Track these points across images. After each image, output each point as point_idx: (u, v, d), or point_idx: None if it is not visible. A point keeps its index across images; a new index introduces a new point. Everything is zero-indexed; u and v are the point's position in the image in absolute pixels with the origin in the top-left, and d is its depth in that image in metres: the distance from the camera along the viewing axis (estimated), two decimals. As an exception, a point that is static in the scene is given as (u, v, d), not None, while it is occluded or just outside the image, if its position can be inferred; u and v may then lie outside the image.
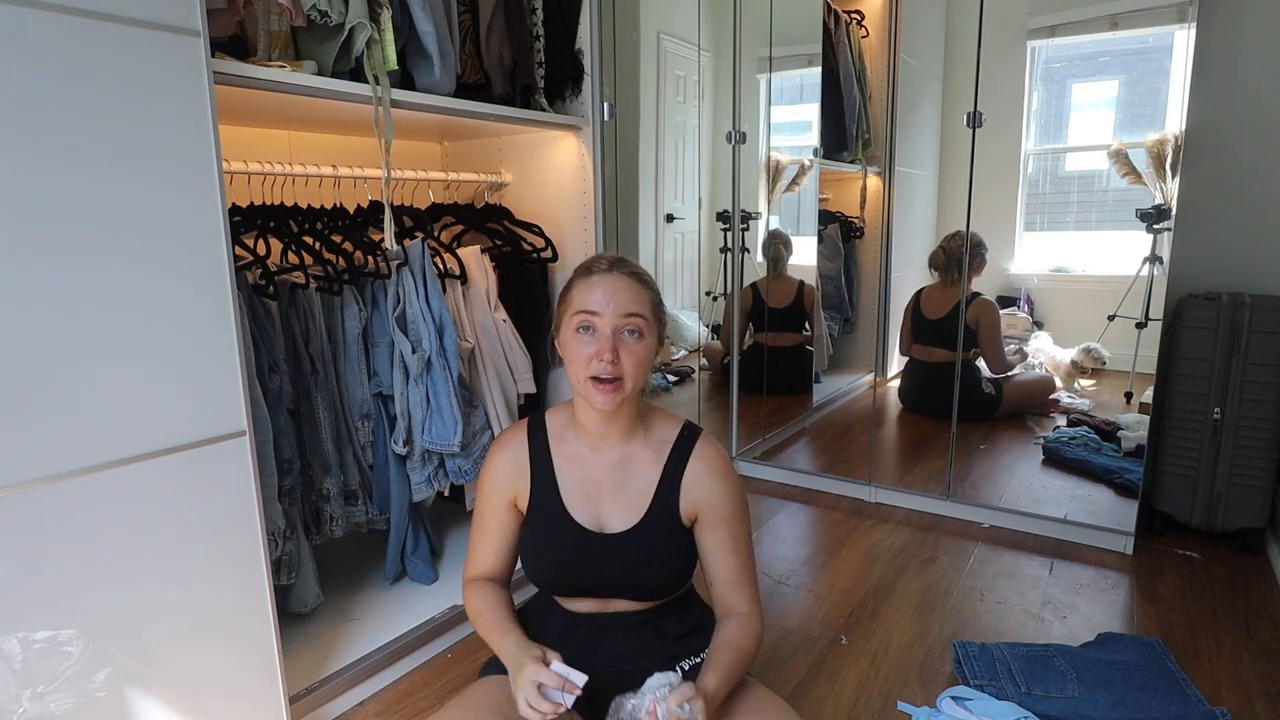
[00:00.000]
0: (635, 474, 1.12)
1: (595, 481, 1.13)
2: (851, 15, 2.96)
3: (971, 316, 2.55)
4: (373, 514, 1.81)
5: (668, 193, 3.18)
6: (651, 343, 1.07)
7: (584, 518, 1.12)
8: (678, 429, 1.15)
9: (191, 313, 1.18)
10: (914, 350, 2.81)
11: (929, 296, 2.72)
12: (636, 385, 1.06)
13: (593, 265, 1.09)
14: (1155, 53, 2.34)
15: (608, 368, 1.02)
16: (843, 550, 2.27)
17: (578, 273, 1.10)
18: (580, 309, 1.05)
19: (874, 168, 2.90)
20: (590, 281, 1.07)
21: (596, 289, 1.05)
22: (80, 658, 1.11)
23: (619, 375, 1.03)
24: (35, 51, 0.99)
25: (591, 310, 1.04)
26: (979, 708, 1.46)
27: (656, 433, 1.14)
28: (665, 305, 1.12)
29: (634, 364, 1.04)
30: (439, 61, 1.61)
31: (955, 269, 2.57)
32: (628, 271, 1.08)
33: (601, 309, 1.04)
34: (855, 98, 2.96)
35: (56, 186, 1.03)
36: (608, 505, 1.12)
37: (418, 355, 1.70)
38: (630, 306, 1.05)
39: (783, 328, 3.10)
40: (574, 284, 1.09)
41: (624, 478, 1.12)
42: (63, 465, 1.06)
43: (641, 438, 1.13)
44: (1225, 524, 2.19)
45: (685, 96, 3.15)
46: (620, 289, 1.05)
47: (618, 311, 1.04)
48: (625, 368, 1.04)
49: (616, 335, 1.04)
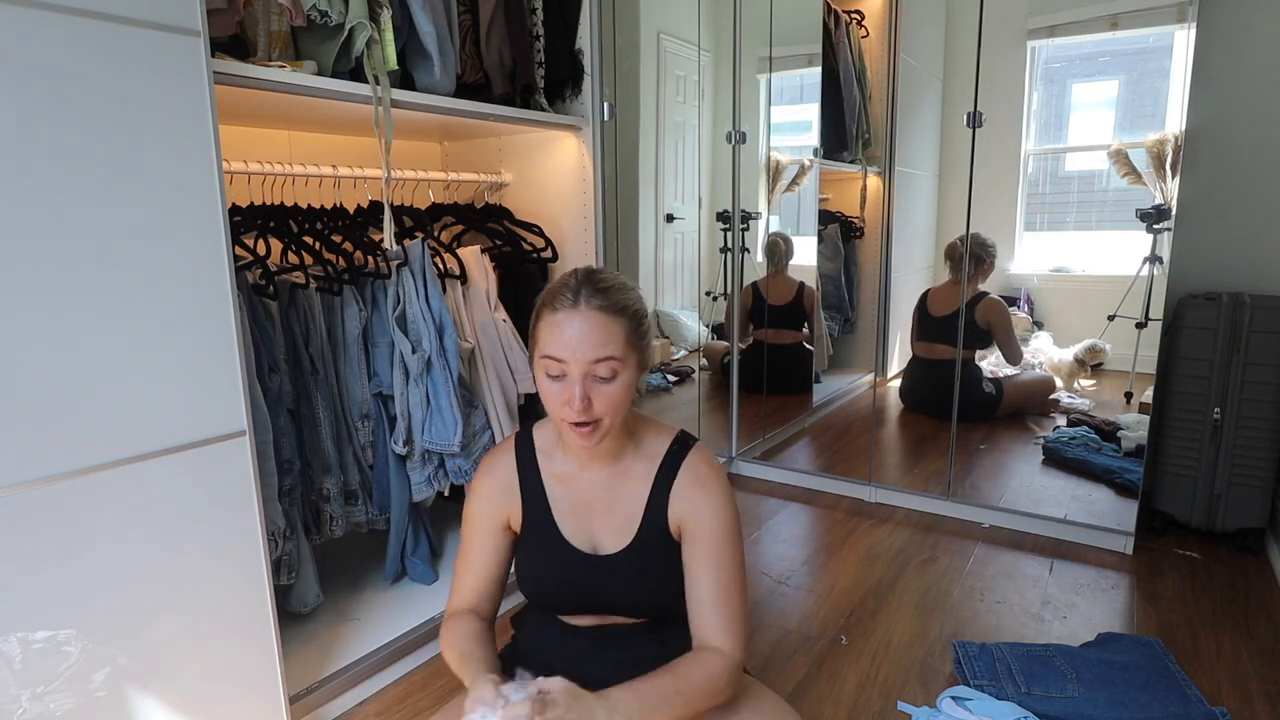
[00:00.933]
0: (625, 492, 1.08)
1: (586, 501, 1.09)
2: (851, 15, 2.96)
3: (982, 317, 2.56)
4: (373, 514, 1.81)
5: (668, 193, 3.18)
6: (629, 376, 0.99)
7: (577, 538, 1.09)
8: (669, 442, 1.09)
9: (191, 313, 1.18)
10: (917, 348, 2.81)
11: (935, 295, 2.72)
12: (615, 421, 1.00)
13: (557, 297, 0.99)
14: (1155, 53, 2.34)
15: (580, 414, 0.96)
16: (843, 550, 2.27)
17: (543, 304, 1.01)
18: (546, 353, 0.98)
19: (874, 168, 2.90)
20: (555, 320, 0.98)
21: (562, 329, 0.97)
22: (80, 657, 1.11)
23: (594, 419, 0.98)
24: (35, 51, 0.99)
25: (557, 357, 0.97)
26: (979, 708, 1.46)
27: (647, 447, 1.09)
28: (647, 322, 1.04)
29: (609, 405, 0.98)
30: (439, 61, 1.61)
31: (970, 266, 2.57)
32: (597, 305, 0.97)
33: (568, 355, 0.96)
34: (855, 98, 2.96)
35: (56, 186, 1.03)
36: (600, 525, 1.09)
37: (418, 355, 1.70)
38: (599, 350, 0.96)
39: (783, 324, 3.11)
40: (540, 318, 1.00)
41: (614, 496, 1.08)
42: (63, 465, 1.06)
43: (631, 453, 1.09)
44: (1225, 524, 2.19)
45: (685, 96, 3.15)
46: (587, 330, 0.96)
47: (586, 357, 0.95)
48: (599, 410, 0.98)
49: (587, 380, 0.96)
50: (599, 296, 0.98)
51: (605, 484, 1.08)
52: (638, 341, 1.01)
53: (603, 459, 1.08)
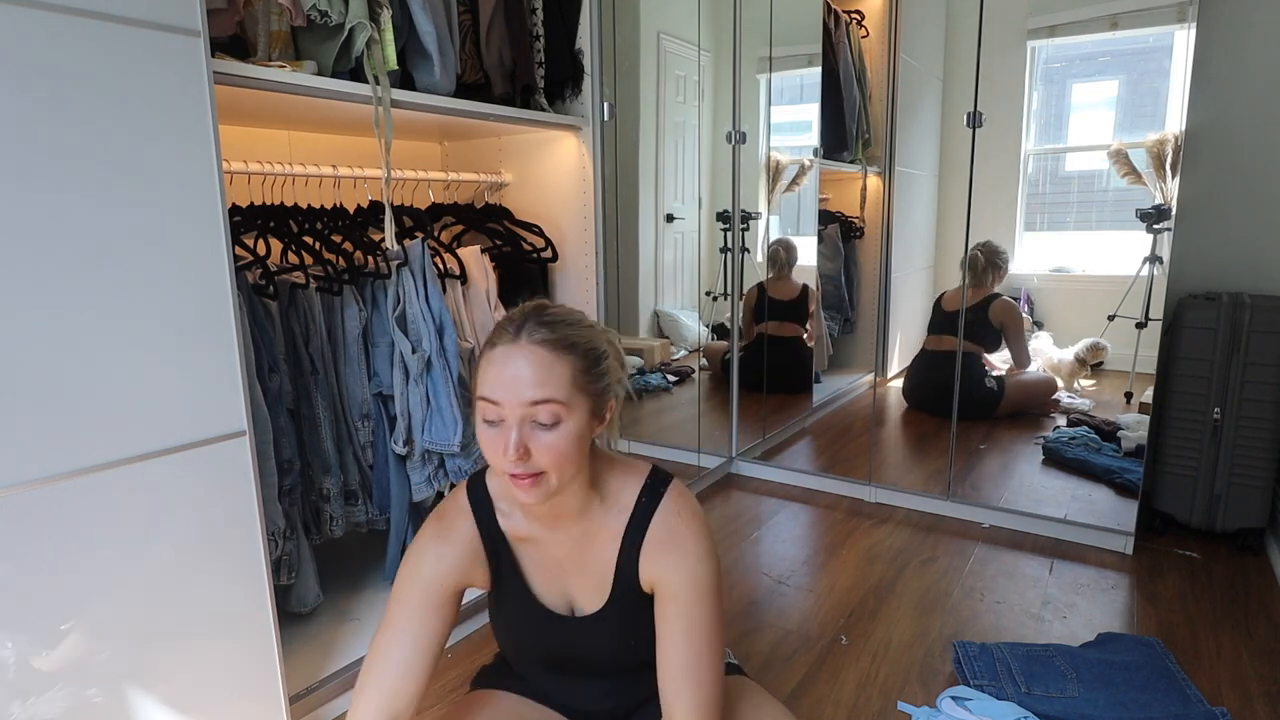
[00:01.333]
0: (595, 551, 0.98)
1: (557, 561, 1.00)
2: (851, 15, 2.96)
3: (996, 317, 2.59)
4: (373, 514, 1.81)
5: (668, 193, 3.18)
6: (575, 424, 0.87)
7: (552, 600, 1.01)
8: (638, 490, 0.98)
9: (191, 313, 1.18)
10: (928, 341, 2.82)
11: (950, 296, 2.74)
12: (564, 477, 0.89)
13: (498, 332, 0.88)
14: (1155, 53, 2.34)
15: (516, 465, 0.85)
16: (843, 550, 2.27)
17: (488, 339, 0.90)
18: (481, 394, 0.87)
19: (874, 168, 2.90)
20: (492, 357, 0.87)
21: (498, 367, 0.86)
22: (80, 657, 1.11)
23: (534, 471, 0.86)
24: (35, 51, 0.99)
25: (491, 398, 0.86)
26: (979, 708, 1.46)
27: (614, 498, 0.98)
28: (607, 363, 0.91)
29: (551, 457, 0.86)
30: (439, 61, 1.61)
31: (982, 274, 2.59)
32: (539, 339, 0.86)
33: (502, 397, 0.85)
34: (855, 98, 2.97)
35: (56, 186, 1.03)
36: (574, 586, 1.01)
37: (418, 355, 1.70)
38: (535, 392, 0.84)
39: (785, 318, 3.12)
40: (483, 353, 0.89)
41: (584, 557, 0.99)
42: (63, 465, 1.06)
43: (598, 507, 0.97)
44: (1225, 524, 2.19)
45: (685, 96, 3.15)
46: (524, 369, 0.85)
47: (521, 399, 0.84)
48: (540, 462, 0.86)
49: (524, 426, 0.85)
50: (543, 330, 0.87)
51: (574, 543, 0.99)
52: (589, 384, 0.88)
53: (567, 519, 0.97)
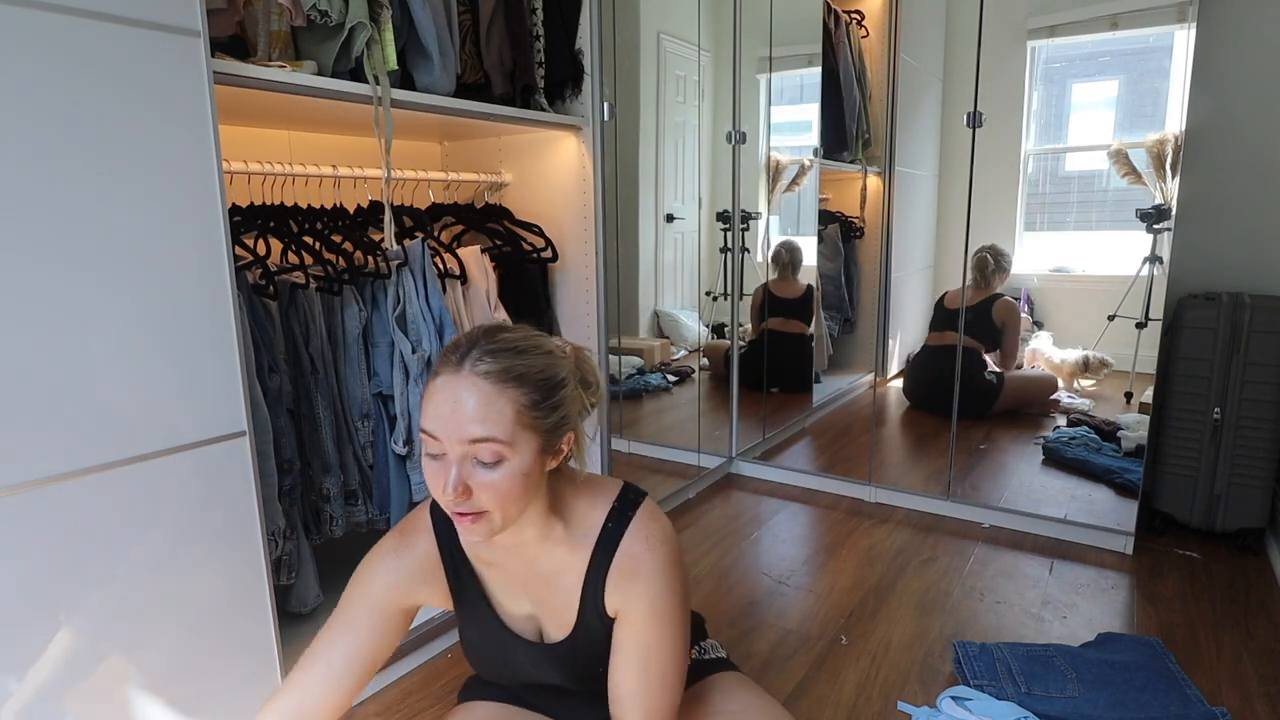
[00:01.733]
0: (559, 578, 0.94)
1: (521, 584, 0.96)
2: (851, 15, 2.96)
3: (998, 316, 2.60)
4: (373, 514, 1.81)
5: (668, 193, 3.18)
6: (520, 463, 0.80)
7: (519, 625, 0.99)
8: (604, 515, 0.93)
9: (191, 313, 1.18)
10: (930, 337, 2.82)
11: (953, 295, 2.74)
12: (510, 514, 0.83)
13: (443, 360, 0.82)
14: (1155, 53, 2.34)
15: (456, 504, 0.81)
16: (843, 550, 2.27)
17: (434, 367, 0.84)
18: (422, 425, 0.82)
19: (874, 168, 2.90)
20: (434, 387, 0.81)
21: (438, 399, 0.80)
22: (79, 657, 1.11)
23: (478, 510, 0.81)
24: (34, 52, 0.99)
25: (430, 432, 0.80)
26: (979, 708, 1.46)
27: (579, 524, 0.93)
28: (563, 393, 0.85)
29: (494, 497, 0.80)
30: (439, 61, 1.61)
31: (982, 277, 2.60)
32: (482, 371, 0.79)
33: (441, 433, 0.79)
34: (855, 98, 2.97)
35: (56, 186, 1.03)
36: (540, 611, 0.98)
37: (418, 355, 1.70)
38: (475, 429, 0.78)
39: (790, 315, 3.12)
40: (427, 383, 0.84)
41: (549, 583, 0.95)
42: (63, 465, 1.06)
43: (560, 533, 0.93)
44: (1225, 524, 2.19)
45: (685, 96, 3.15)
46: (463, 401, 0.78)
47: (458, 436, 0.79)
48: (482, 501, 0.81)
49: (465, 464, 0.80)
50: (488, 360, 0.80)
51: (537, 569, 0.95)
52: (538, 420, 0.81)
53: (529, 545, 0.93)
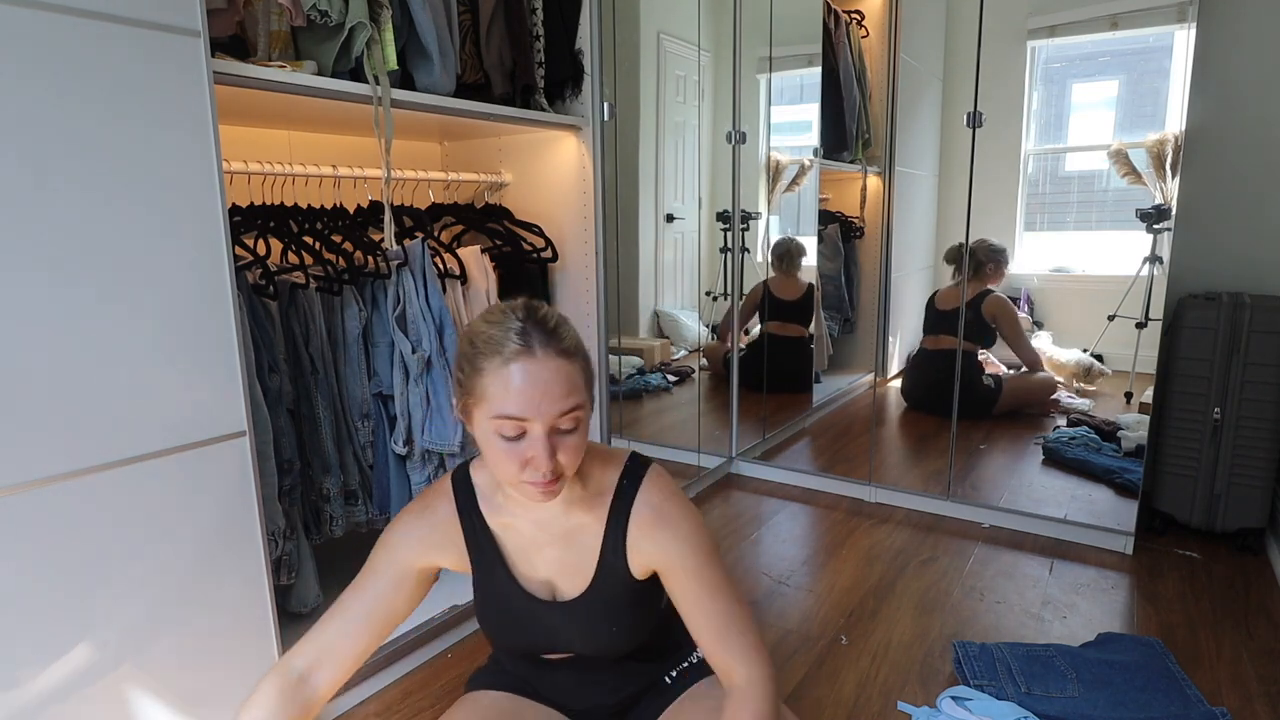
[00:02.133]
0: (577, 537, 1.00)
1: (538, 546, 1.01)
2: (851, 15, 2.96)
3: (988, 312, 2.58)
4: (373, 514, 1.81)
5: (668, 193, 3.18)
6: (587, 421, 0.90)
7: (534, 586, 1.02)
8: (617, 476, 1.00)
9: (191, 313, 1.19)
10: (925, 341, 2.82)
11: (943, 293, 2.74)
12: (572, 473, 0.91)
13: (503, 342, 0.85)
14: (1155, 53, 2.34)
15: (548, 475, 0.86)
16: (843, 550, 2.27)
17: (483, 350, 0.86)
18: (500, 413, 0.84)
19: (874, 168, 2.91)
20: (508, 373, 0.84)
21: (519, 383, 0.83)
22: (79, 657, 1.11)
23: (560, 474, 0.88)
24: (34, 52, 0.99)
25: (518, 417, 0.84)
26: (979, 708, 1.46)
27: (594, 485, 0.99)
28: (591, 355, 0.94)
29: (573, 456, 0.88)
30: (439, 61, 1.61)
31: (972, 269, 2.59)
32: (555, 350, 0.85)
33: (532, 414, 0.84)
34: (855, 98, 2.97)
35: (56, 186, 1.03)
36: (555, 571, 1.02)
37: (418, 355, 1.70)
38: (566, 402, 0.85)
39: (790, 318, 3.12)
40: (483, 368, 0.85)
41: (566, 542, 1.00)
42: (63, 465, 1.06)
43: (579, 494, 0.99)
44: (1225, 524, 2.19)
45: (685, 96, 3.15)
46: (551, 381, 0.84)
47: (553, 412, 0.84)
48: (563, 464, 0.87)
49: (552, 435, 0.85)
50: (553, 341, 0.86)
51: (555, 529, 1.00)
52: (589, 380, 0.90)
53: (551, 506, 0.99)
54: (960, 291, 2.57)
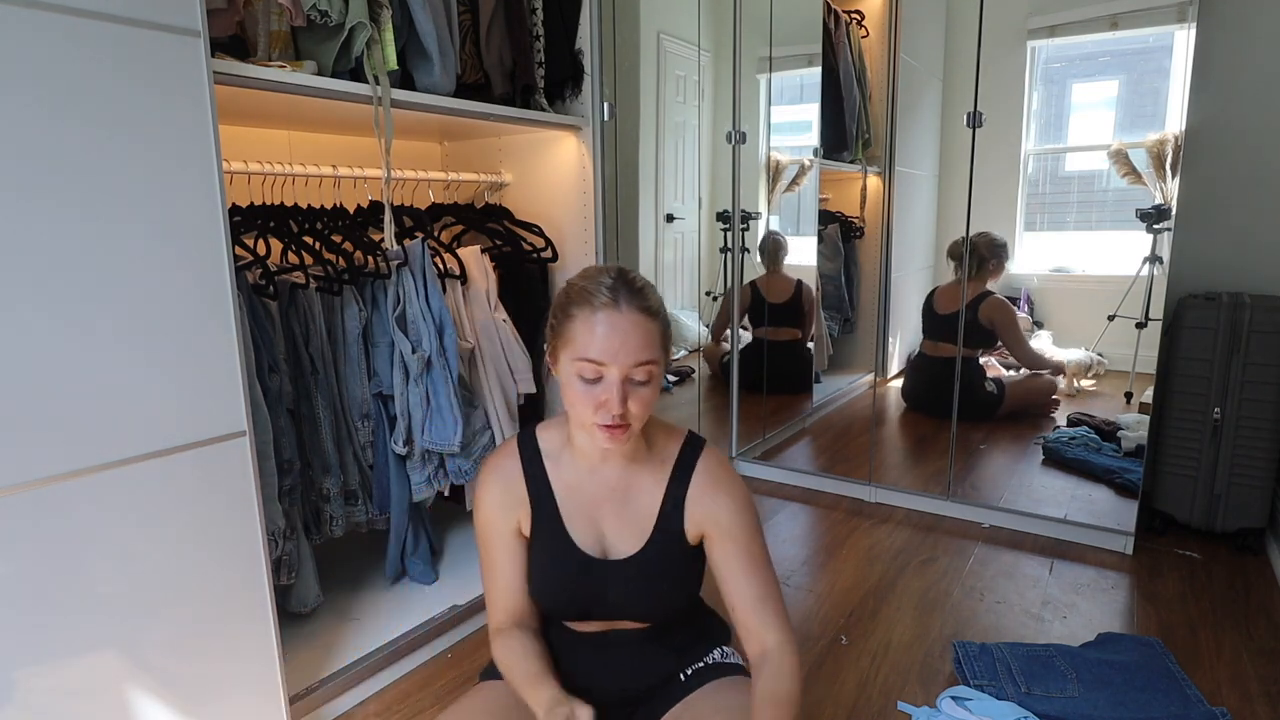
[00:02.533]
0: (637, 496, 1.06)
1: (596, 504, 1.07)
2: (851, 15, 2.96)
3: (985, 315, 2.56)
4: (373, 514, 1.81)
5: (668, 193, 3.18)
6: (660, 378, 0.98)
7: (587, 543, 1.07)
8: (680, 444, 1.09)
9: (191, 313, 1.19)
10: (924, 346, 2.82)
11: (941, 294, 2.73)
12: (643, 423, 1.00)
13: (594, 294, 0.95)
14: (1155, 53, 2.34)
15: (618, 419, 0.94)
16: (843, 550, 2.27)
17: (575, 299, 0.97)
18: (583, 355, 0.94)
19: (874, 168, 2.90)
20: (594, 321, 0.94)
21: (602, 331, 0.93)
22: (80, 657, 1.11)
23: (629, 422, 0.96)
24: (34, 52, 0.99)
25: (597, 359, 0.93)
26: (979, 708, 1.46)
27: (659, 450, 1.08)
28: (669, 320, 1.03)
29: (643, 407, 0.97)
30: (439, 61, 1.61)
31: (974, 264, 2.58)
32: (638, 306, 0.95)
33: (610, 359, 0.93)
34: (855, 98, 2.96)
35: (56, 187, 1.03)
36: (611, 529, 1.07)
37: (418, 355, 1.70)
38: (642, 354, 0.94)
39: (780, 323, 3.11)
40: (573, 314, 0.96)
41: (626, 499, 1.07)
42: (63, 465, 1.06)
43: (643, 456, 1.07)
44: (1225, 524, 2.19)
45: (685, 96, 3.15)
46: (630, 333, 0.93)
47: (629, 361, 0.93)
48: (634, 413, 0.96)
49: (626, 383, 0.94)
50: (638, 298, 0.95)
51: (616, 486, 1.06)
52: (668, 342, 1.00)
53: (615, 462, 1.06)
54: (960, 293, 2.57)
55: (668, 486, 1.06)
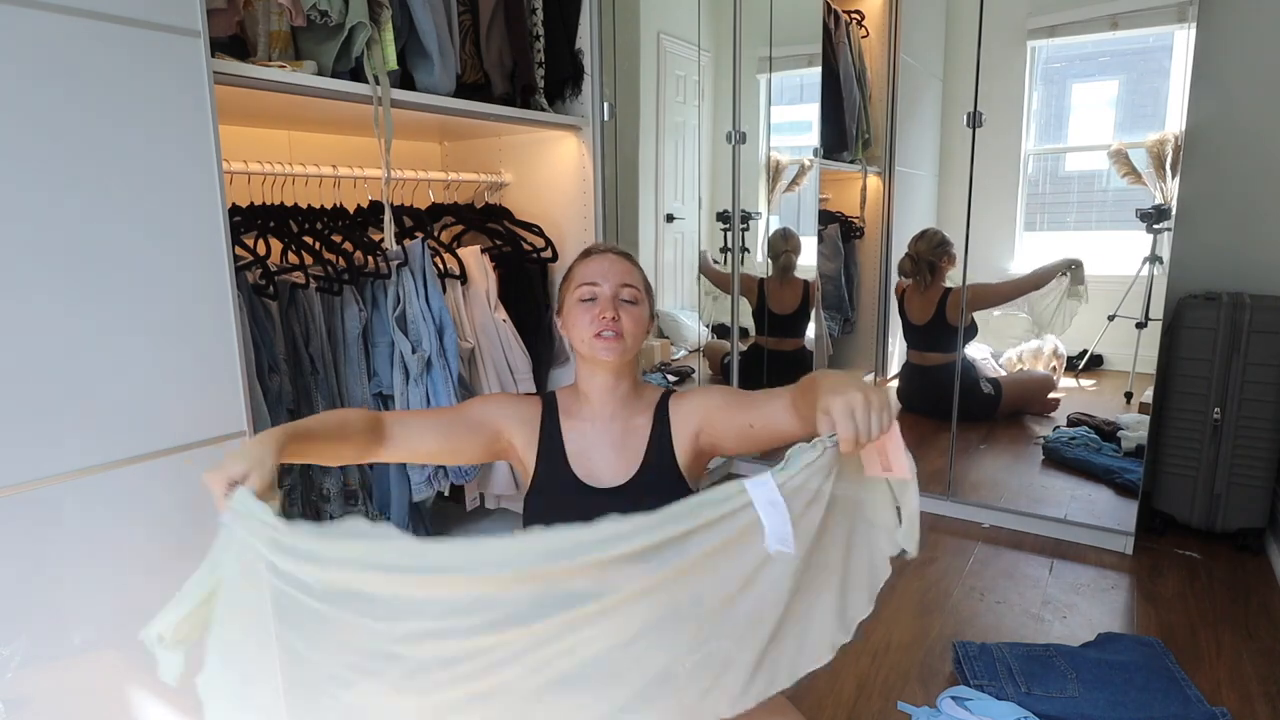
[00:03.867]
0: (630, 434, 1.22)
1: (596, 445, 1.22)
2: (851, 15, 2.96)
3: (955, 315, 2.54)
4: (373, 513, 1.81)
5: (668, 193, 3.18)
6: (644, 312, 1.20)
7: (584, 474, 1.20)
8: (660, 392, 1.28)
9: (192, 313, 1.18)
10: (910, 355, 2.82)
11: (910, 301, 2.72)
12: (635, 345, 1.18)
13: (591, 249, 1.26)
14: (1155, 53, 2.35)
15: (610, 324, 1.14)
16: (843, 550, 2.26)
17: (578, 257, 1.25)
18: (583, 281, 1.19)
19: (874, 168, 2.91)
20: (589, 260, 1.22)
21: (596, 263, 1.21)
22: (80, 657, 1.11)
23: (620, 331, 1.15)
24: (35, 52, 0.99)
25: (592, 281, 1.18)
26: (979, 708, 1.46)
27: (646, 398, 1.26)
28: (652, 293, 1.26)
29: (632, 324, 1.16)
30: (439, 61, 1.61)
31: (926, 271, 2.59)
32: (621, 253, 1.25)
33: (601, 279, 1.18)
34: (855, 98, 2.97)
35: (56, 187, 1.03)
36: (607, 464, 1.21)
37: (418, 355, 1.70)
38: (625, 277, 1.19)
39: (785, 333, 3.10)
40: (575, 266, 1.23)
41: (622, 441, 1.22)
42: (64, 465, 1.06)
43: (635, 401, 1.24)
44: (1225, 524, 2.19)
45: (685, 96, 3.15)
46: (615, 262, 1.21)
47: (615, 281, 1.18)
48: (625, 325, 1.15)
49: (615, 300, 1.17)
50: (621, 249, 1.24)
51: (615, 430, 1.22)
52: (648, 294, 1.22)
53: (615, 407, 1.21)
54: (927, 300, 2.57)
55: (654, 421, 1.22)
